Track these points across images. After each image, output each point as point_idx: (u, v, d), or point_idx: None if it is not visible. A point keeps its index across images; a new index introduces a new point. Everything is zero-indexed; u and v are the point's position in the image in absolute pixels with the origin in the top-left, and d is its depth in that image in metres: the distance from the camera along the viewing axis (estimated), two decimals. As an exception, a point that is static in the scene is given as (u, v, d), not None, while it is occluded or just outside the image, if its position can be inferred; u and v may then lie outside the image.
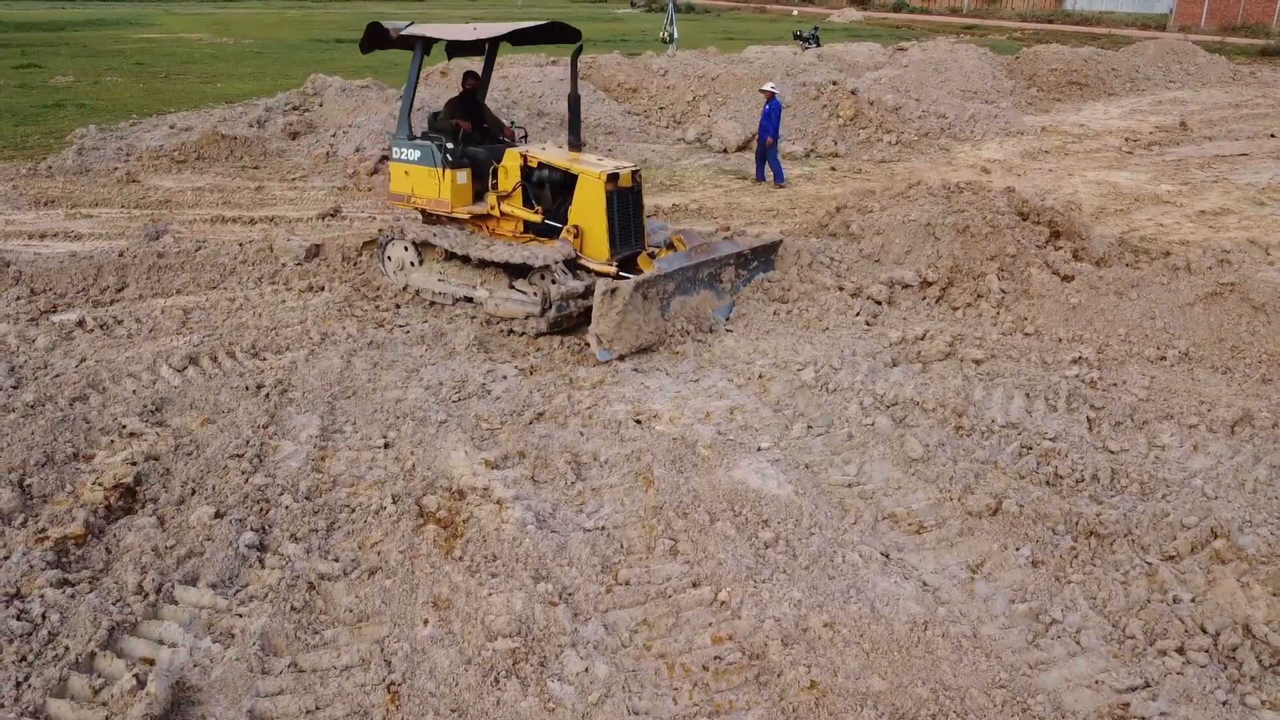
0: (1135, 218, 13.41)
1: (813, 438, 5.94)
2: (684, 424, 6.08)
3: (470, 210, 8.43)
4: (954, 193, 9.22)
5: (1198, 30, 50.19)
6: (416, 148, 8.45)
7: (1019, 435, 5.91)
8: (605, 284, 6.97)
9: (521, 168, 8.12)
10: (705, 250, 8.04)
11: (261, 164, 15.35)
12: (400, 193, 8.75)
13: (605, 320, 6.98)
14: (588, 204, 7.74)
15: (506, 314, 7.84)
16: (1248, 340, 6.98)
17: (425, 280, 8.42)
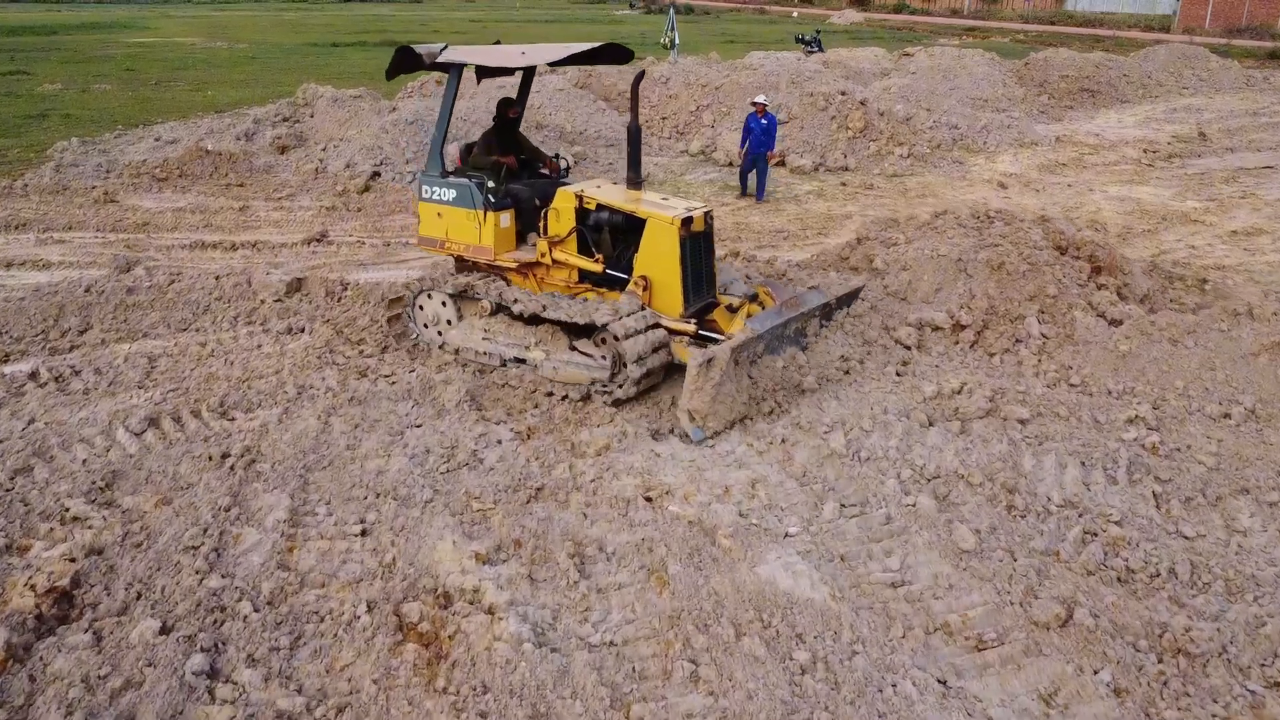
0: (1164, 239, 12.75)
1: (846, 520, 5.25)
2: (700, 503, 5.39)
3: (516, 257, 7.51)
4: (984, 223, 8.54)
5: (1202, 31, 49.60)
6: (452, 187, 7.48)
7: (1079, 517, 5.23)
8: (700, 353, 6.09)
9: (576, 210, 7.24)
10: (795, 305, 7.09)
11: (247, 181, 14.65)
12: (432, 237, 7.76)
13: (700, 394, 6.07)
14: (658, 252, 6.90)
15: (568, 379, 6.90)
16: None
17: (466, 338, 7.44)
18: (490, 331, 7.33)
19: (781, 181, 15.91)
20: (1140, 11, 56.83)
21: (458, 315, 7.56)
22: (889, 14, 64.12)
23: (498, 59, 7.55)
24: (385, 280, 9.94)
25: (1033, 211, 13.63)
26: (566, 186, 7.44)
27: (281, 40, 43.47)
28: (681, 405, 6.12)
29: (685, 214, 6.95)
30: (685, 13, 68.50)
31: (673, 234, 6.81)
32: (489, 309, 7.26)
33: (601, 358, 6.77)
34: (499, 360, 7.25)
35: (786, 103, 18.30)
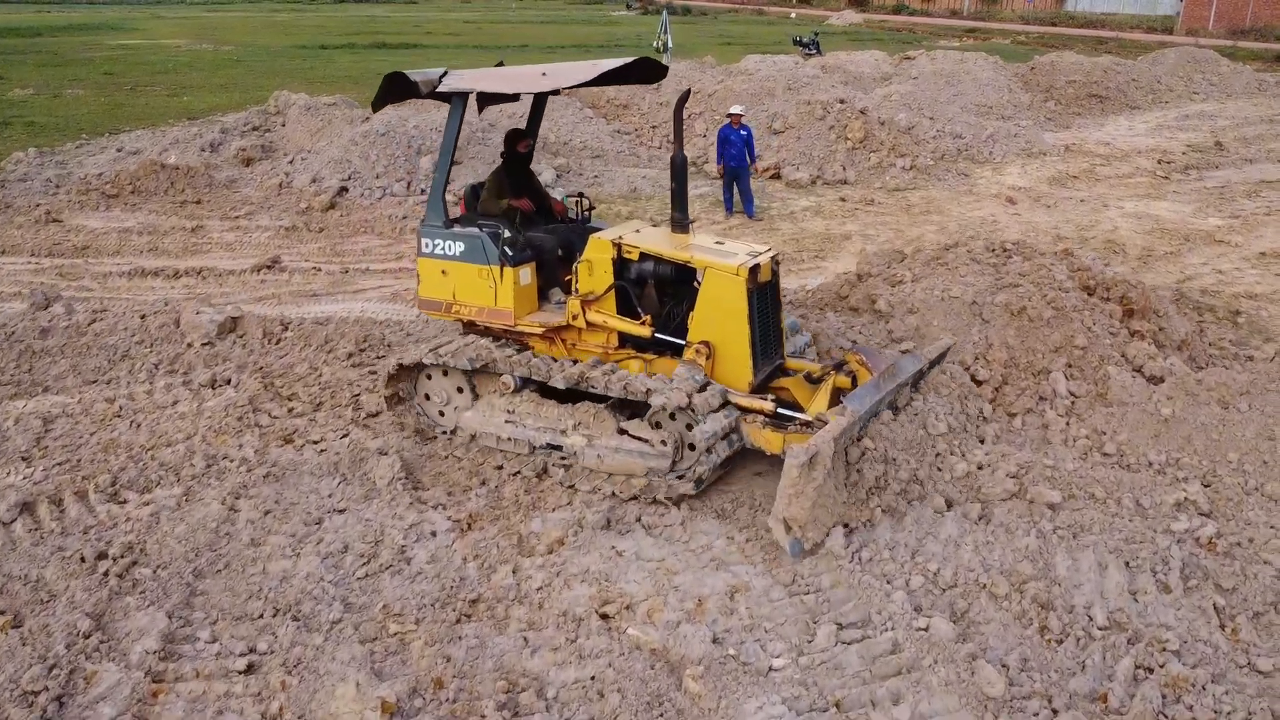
0: (1188, 262, 11.80)
1: (844, 648, 4.30)
2: (667, 623, 4.44)
3: (542, 320, 6.26)
4: (1001, 258, 7.59)
5: (1205, 33, 48.75)
6: (459, 239, 6.25)
7: (1129, 645, 4.27)
8: (800, 449, 4.79)
9: (614, 261, 6.07)
10: (893, 374, 5.82)
11: (206, 197, 13.69)
12: (436, 299, 6.48)
13: (801, 499, 4.84)
14: (721, 310, 5.74)
15: (616, 469, 5.68)
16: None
17: (485, 422, 6.11)
18: (516, 413, 6.02)
19: (777, 196, 14.97)
20: (1141, 12, 56.04)
21: (473, 393, 6.28)
22: (888, 15, 63.28)
23: (512, 83, 6.41)
24: (336, 314, 9.02)
25: (1049, 235, 12.73)
26: (600, 233, 6.25)
27: (269, 42, 42.57)
28: (776, 513, 4.88)
29: (751, 261, 5.78)
30: (682, 14, 67.67)
31: (739, 287, 5.66)
32: (511, 385, 6.00)
33: (661, 443, 5.56)
34: (528, 448, 5.97)
35: (782, 111, 17.36)
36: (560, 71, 6.35)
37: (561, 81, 6.28)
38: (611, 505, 5.45)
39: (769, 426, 5.56)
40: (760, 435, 5.55)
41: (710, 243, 6.18)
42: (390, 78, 6.10)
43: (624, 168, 16.65)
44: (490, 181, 6.93)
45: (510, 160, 7.03)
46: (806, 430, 5.38)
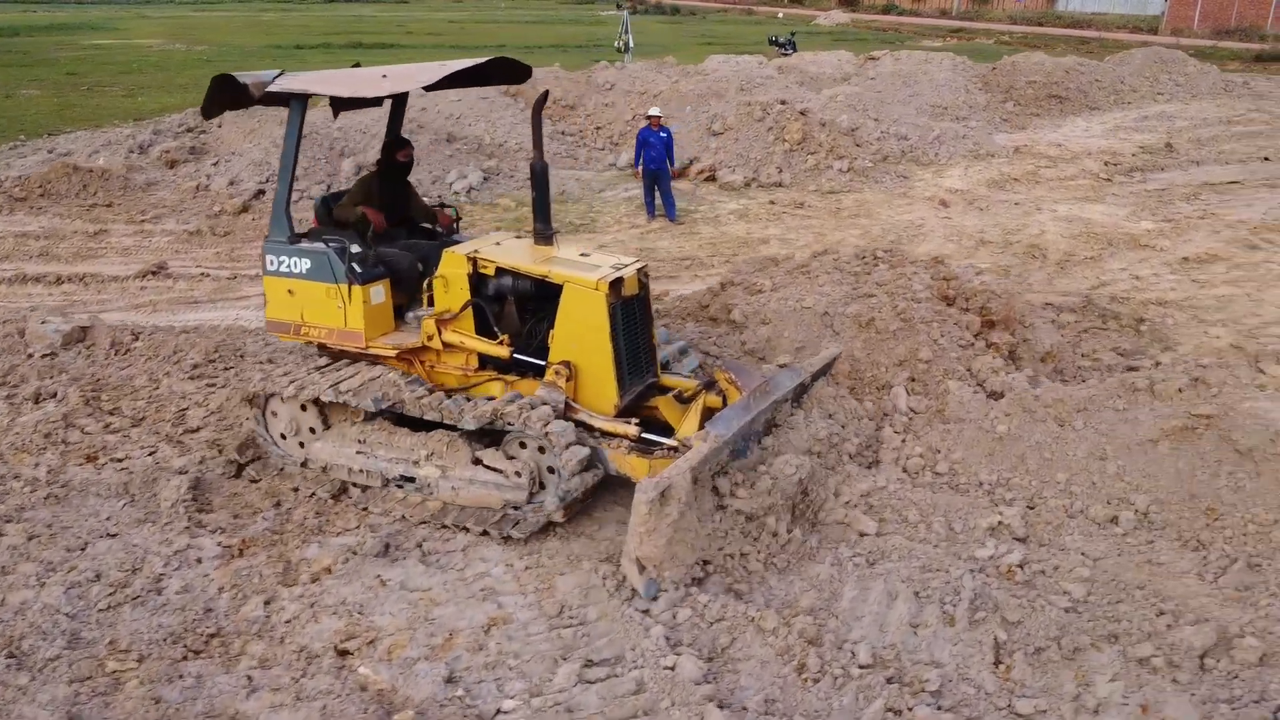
0: (1107, 267, 11.53)
1: (585, 688, 4.04)
2: (405, 660, 4.19)
3: (396, 342, 5.91)
4: (868, 266, 7.34)
5: (1190, 33, 48.49)
6: (305, 254, 5.83)
7: (886, 685, 4.01)
8: (650, 482, 4.43)
9: (470, 276, 5.72)
10: (766, 392, 5.41)
11: (119, 201, 13.46)
12: (284, 320, 6.05)
13: (654, 538, 4.44)
14: (581, 327, 5.41)
15: (472, 502, 5.34)
16: (1229, 500, 5.10)
17: (335, 453, 5.66)
18: (367, 443, 5.61)
19: (707, 199, 14.71)
20: (1132, 12, 55.78)
21: (323, 421, 5.87)
22: (877, 15, 63.06)
23: (348, 86, 5.96)
24: (208, 322, 8.79)
25: (973, 239, 12.47)
26: (456, 247, 5.86)
27: (246, 42, 42.39)
28: (628, 553, 4.51)
29: (612, 274, 5.41)
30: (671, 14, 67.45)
31: (599, 303, 5.32)
32: (361, 413, 5.62)
33: (515, 474, 5.23)
34: (380, 480, 5.58)
35: (723, 112, 17.10)
36: (402, 73, 6.00)
37: (402, 84, 5.91)
38: (396, 530, 5.20)
39: (634, 452, 5.26)
40: (625, 461, 5.25)
41: (574, 255, 5.81)
42: (218, 81, 5.63)
43: (559, 169, 16.39)
44: (355, 188, 6.47)
45: (385, 169, 6.61)
46: (674, 455, 5.07)
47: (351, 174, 13.90)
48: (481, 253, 5.74)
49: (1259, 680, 4.08)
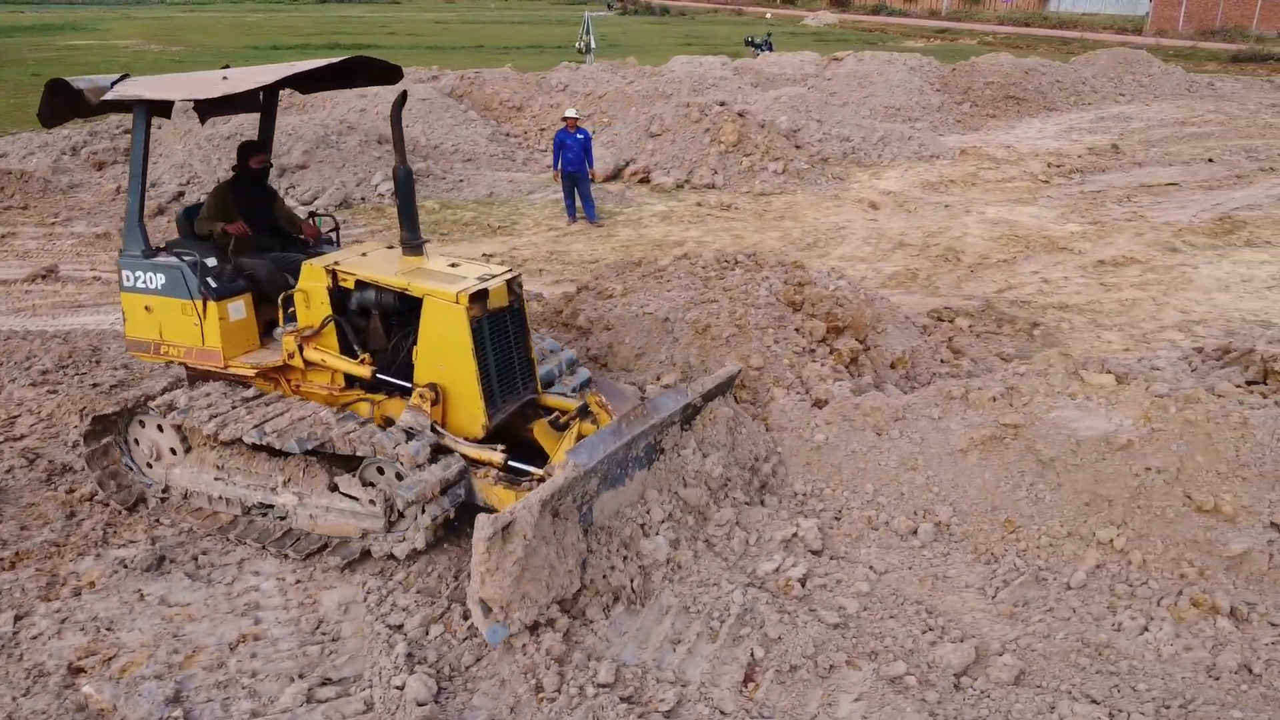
0: (1020, 270, 11.42)
1: (310, 707, 3.93)
2: (136, 678, 4.08)
3: (254, 361, 5.59)
4: (725, 269, 7.22)
5: (1174, 33, 48.36)
6: (160, 269, 5.51)
7: (617, 704, 3.90)
8: (489, 518, 4.07)
9: (331, 290, 5.38)
10: (642, 416, 5.03)
11: (36, 203, 13.37)
12: (143, 339, 5.74)
13: (497, 577, 4.09)
14: (445, 344, 5.05)
15: (331, 531, 5.09)
16: (1027, 512, 4.98)
17: (195, 479, 5.47)
18: (225, 468, 5.34)
19: (635, 201, 14.60)
20: (1121, 13, 55.60)
21: (183, 445, 5.55)
22: (866, 14, 62.94)
23: (187, 89, 5.61)
24: (82, 327, 8.68)
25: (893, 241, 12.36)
26: (316, 259, 5.51)
27: (225, 43, 42.32)
28: (472, 594, 4.14)
29: (476, 285, 5.08)
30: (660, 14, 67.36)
31: (459, 318, 4.97)
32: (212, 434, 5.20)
33: (370, 502, 4.97)
34: (240, 508, 5.35)
35: (661, 114, 16.98)
36: (241, 76, 5.69)
37: (240, 85, 5.43)
38: (178, 544, 5.09)
39: (501, 482, 4.96)
40: (491, 492, 4.96)
41: (442, 266, 5.44)
42: (52, 85, 5.29)
43: (494, 171, 16.30)
44: (211, 200, 6.10)
45: (240, 176, 6.27)
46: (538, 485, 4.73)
47: (274, 177, 13.80)
48: (342, 265, 5.44)
49: (1007, 699, 3.97)
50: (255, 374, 5.59)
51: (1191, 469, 4.81)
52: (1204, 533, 4.65)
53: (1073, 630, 4.34)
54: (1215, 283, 10.91)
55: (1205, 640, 4.27)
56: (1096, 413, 5.16)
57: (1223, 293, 10.59)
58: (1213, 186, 15.63)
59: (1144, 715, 3.88)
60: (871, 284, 10.63)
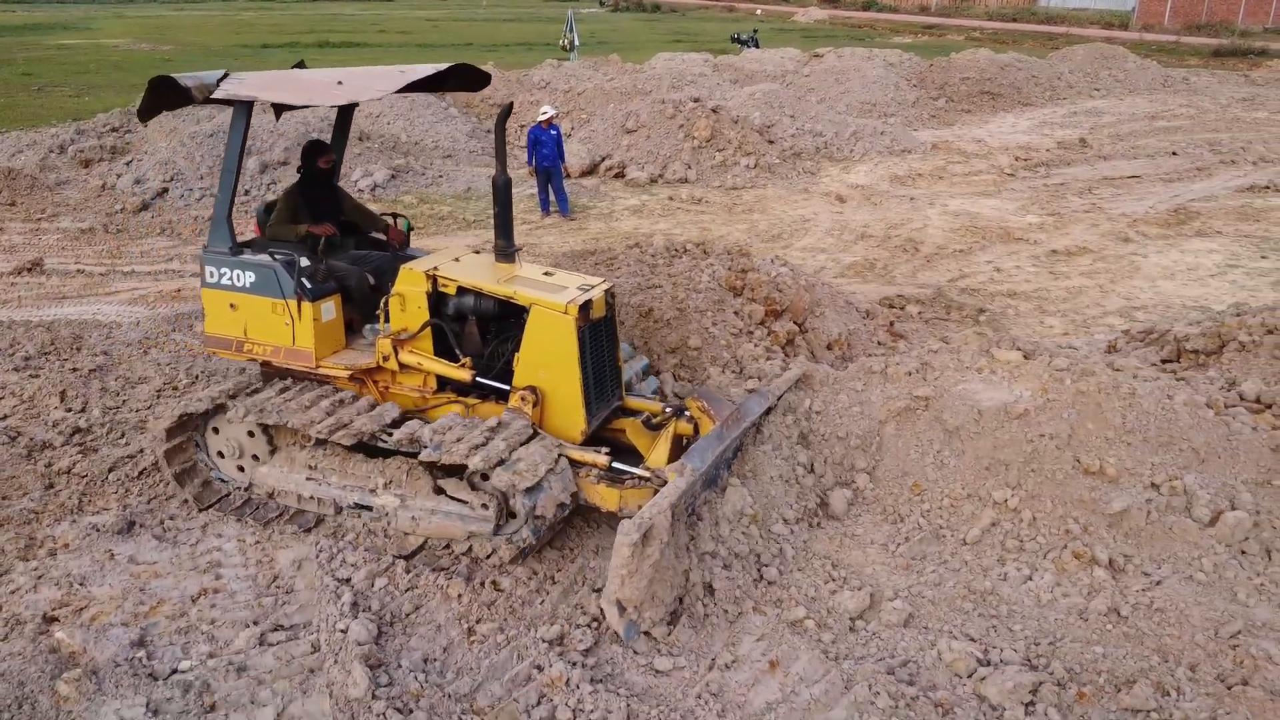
0: (975, 259, 11.83)
1: (264, 650, 4.35)
2: (103, 625, 4.49)
3: (348, 363, 5.58)
4: (673, 257, 7.63)
5: (1160, 28, 48.77)
6: (250, 268, 5.49)
7: (539, 644, 4.30)
8: (631, 525, 4.23)
9: (429, 295, 5.43)
10: (738, 419, 5.30)
11: (23, 200, 13.72)
12: (224, 336, 5.72)
13: (635, 580, 4.27)
14: (549, 352, 5.14)
15: (435, 533, 5.09)
16: (932, 477, 5.39)
17: (284, 478, 5.40)
18: (319, 469, 5.32)
19: (608, 195, 15.01)
20: (1111, 8, 55.97)
21: (269, 445, 5.55)
22: (856, 11, 63.25)
23: (301, 93, 5.58)
24: (65, 317, 9.06)
25: (855, 233, 12.77)
26: (414, 263, 5.54)
27: (215, 41, 42.60)
28: (609, 595, 4.30)
29: (581, 296, 5.18)
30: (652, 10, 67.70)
31: (568, 327, 5.07)
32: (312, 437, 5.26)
33: (482, 506, 4.96)
34: (333, 508, 5.31)
35: (636, 110, 17.37)
36: (360, 81, 5.61)
37: (360, 94, 5.44)
38: (148, 510, 5.50)
39: (604, 481, 5.03)
40: (595, 491, 5.01)
41: (538, 274, 5.55)
42: (157, 83, 5.25)
43: (473, 167, 16.68)
44: (282, 203, 6.09)
45: (308, 177, 6.25)
46: (645, 484, 4.95)
47: (257, 173, 14.18)
48: (441, 270, 5.46)
49: (894, 638, 4.39)
50: (347, 375, 5.59)
51: (1082, 435, 5.23)
52: (1089, 493, 5.06)
53: (961, 580, 4.76)
54: (1161, 271, 11.34)
55: (1081, 588, 4.69)
56: (999, 385, 5.58)
57: (1167, 280, 11.02)
58: (1173, 179, 16.06)
59: (1015, 651, 4.30)
60: (829, 273, 11.05)
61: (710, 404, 5.48)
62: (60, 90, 26.85)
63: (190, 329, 8.55)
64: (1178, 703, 3.99)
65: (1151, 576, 4.76)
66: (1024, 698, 4.01)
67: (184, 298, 9.69)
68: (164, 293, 9.88)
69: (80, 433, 6.44)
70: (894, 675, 4.15)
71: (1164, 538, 4.96)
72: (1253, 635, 4.38)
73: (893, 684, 4.07)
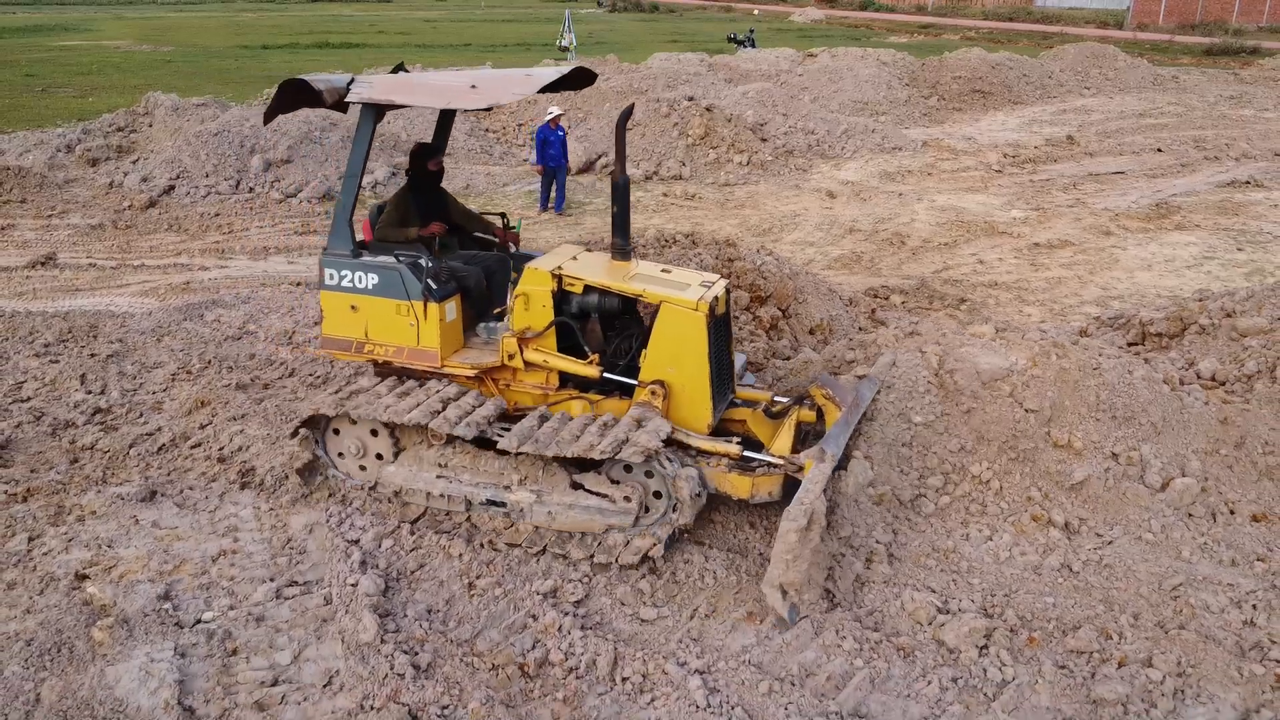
0: (960, 253, 12.20)
1: (280, 603, 4.71)
2: (131, 582, 4.85)
3: (474, 362, 5.64)
4: (663, 245, 7.99)
5: (1155, 27, 49.15)
6: (372, 270, 5.52)
7: (533, 596, 4.67)
8: (796, 510, 4.44)
9: (554, 293, 5.55)
10: (858, 406, 5.51)
11: (33, 197, 14.07)
12: (343, 338, 5.74)
13: (798, 564, 4.43)
14: (680, 348, 5.27)
15: (572, 527, 5.18)
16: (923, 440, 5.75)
17: (412, 477, 5.46)
18: (449, 467, 5.42)
19: (604, 191, 15.36)
20: (1106, 7, 56.33)
21: (394, 446, 5.66)
22: (853, 10, 63.61)
23: (434, 96, 5.59)
24: (81, 308, 9.41)
25: (844, 227, 13.13)
26: (536, 262, 5.63)
27: (214, 43, 42.91)
28: (771, 580, 4.44)
29: (709, 294, 5.34)
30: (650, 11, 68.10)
31: (698, 324, 5.22)
32: (443, 436, 5.37)
33: (625, 499, 5.11)
34: (464, 504, 5.38)
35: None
36: (492, 85, 5.57)
37: (496, 97, 5.37)
38: (167, 481, 5.86)
39: (735, 470, 5.17)
40: (725, 480, 5.14)
41: (656, 272, 5.69)
42: (288, 86, 5.26)
43: (471, 164, 17.05)
44: (392, 206, 6.11)
45: (417, 180, 6.26)
46: (773, 471, 5.14)
47: (260, 170, 14.55)
48: (567, 269, 5.56)
49: (860, 591, 4.74)
50: (473, 374, 5.66)
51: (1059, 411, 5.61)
52: (1056, 465, 5.45)
53: (926, 540, 5.12)
54: (1139, 263, 11.71)
55: (1038, 547, 5.06)
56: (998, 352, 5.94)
57: (1145, 271, 11.39)
58: (1157, 175, 16.43)
59: (972, 601, 4.67)
60: (818, 266, 11.42)
61: (834, 390, 5.61)
62: (64, 91, 27.18)
63: (200, 318, 8.91)
64: (1119, 645, 4.35)
65: (1104, 537, 5.13)
66: (978, 641, 4.37)
67: (193, 290, 10.06)
68: (174, 285, 10.24)
69: (101, 412, 6.81)
70: (860, 623, 4.52)
71: (1118, 503, 5.33)
72: (1193, 588, 4.75)
73: (859, 630, 4.43)
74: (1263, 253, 11.92)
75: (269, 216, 13.32)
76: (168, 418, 6.74)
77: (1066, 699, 4.06)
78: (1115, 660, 4.24)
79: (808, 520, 4.42)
